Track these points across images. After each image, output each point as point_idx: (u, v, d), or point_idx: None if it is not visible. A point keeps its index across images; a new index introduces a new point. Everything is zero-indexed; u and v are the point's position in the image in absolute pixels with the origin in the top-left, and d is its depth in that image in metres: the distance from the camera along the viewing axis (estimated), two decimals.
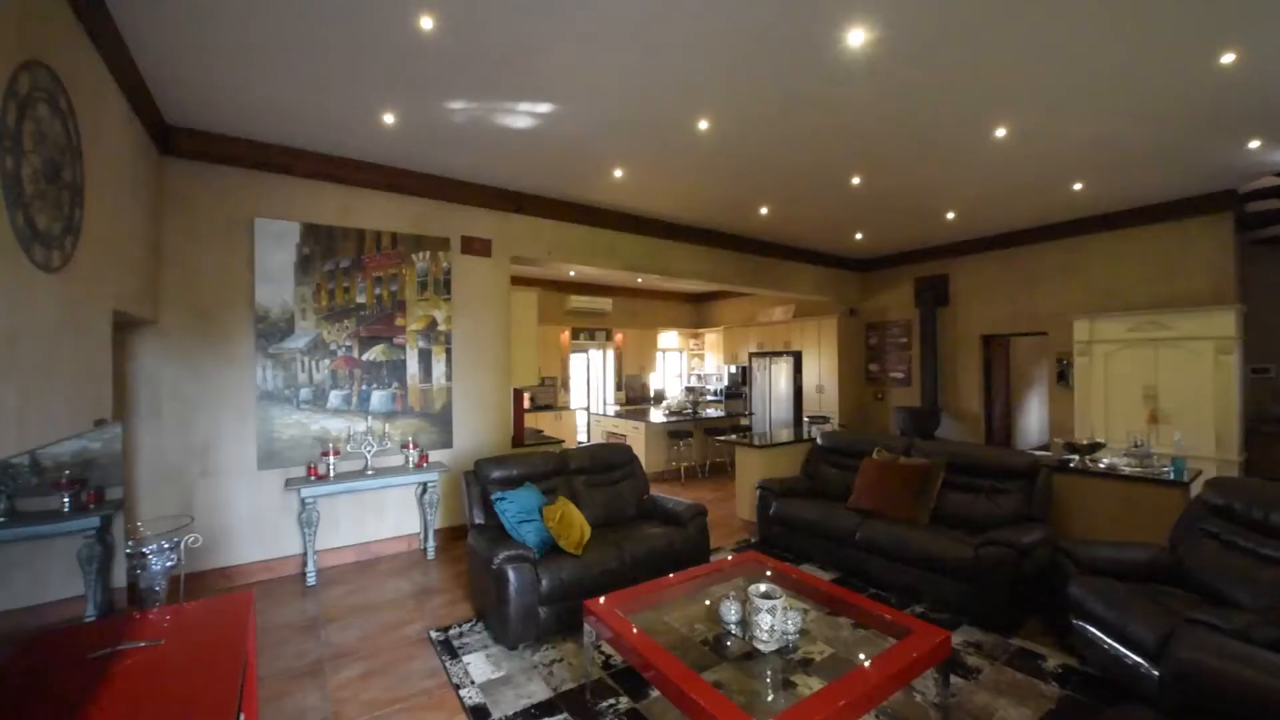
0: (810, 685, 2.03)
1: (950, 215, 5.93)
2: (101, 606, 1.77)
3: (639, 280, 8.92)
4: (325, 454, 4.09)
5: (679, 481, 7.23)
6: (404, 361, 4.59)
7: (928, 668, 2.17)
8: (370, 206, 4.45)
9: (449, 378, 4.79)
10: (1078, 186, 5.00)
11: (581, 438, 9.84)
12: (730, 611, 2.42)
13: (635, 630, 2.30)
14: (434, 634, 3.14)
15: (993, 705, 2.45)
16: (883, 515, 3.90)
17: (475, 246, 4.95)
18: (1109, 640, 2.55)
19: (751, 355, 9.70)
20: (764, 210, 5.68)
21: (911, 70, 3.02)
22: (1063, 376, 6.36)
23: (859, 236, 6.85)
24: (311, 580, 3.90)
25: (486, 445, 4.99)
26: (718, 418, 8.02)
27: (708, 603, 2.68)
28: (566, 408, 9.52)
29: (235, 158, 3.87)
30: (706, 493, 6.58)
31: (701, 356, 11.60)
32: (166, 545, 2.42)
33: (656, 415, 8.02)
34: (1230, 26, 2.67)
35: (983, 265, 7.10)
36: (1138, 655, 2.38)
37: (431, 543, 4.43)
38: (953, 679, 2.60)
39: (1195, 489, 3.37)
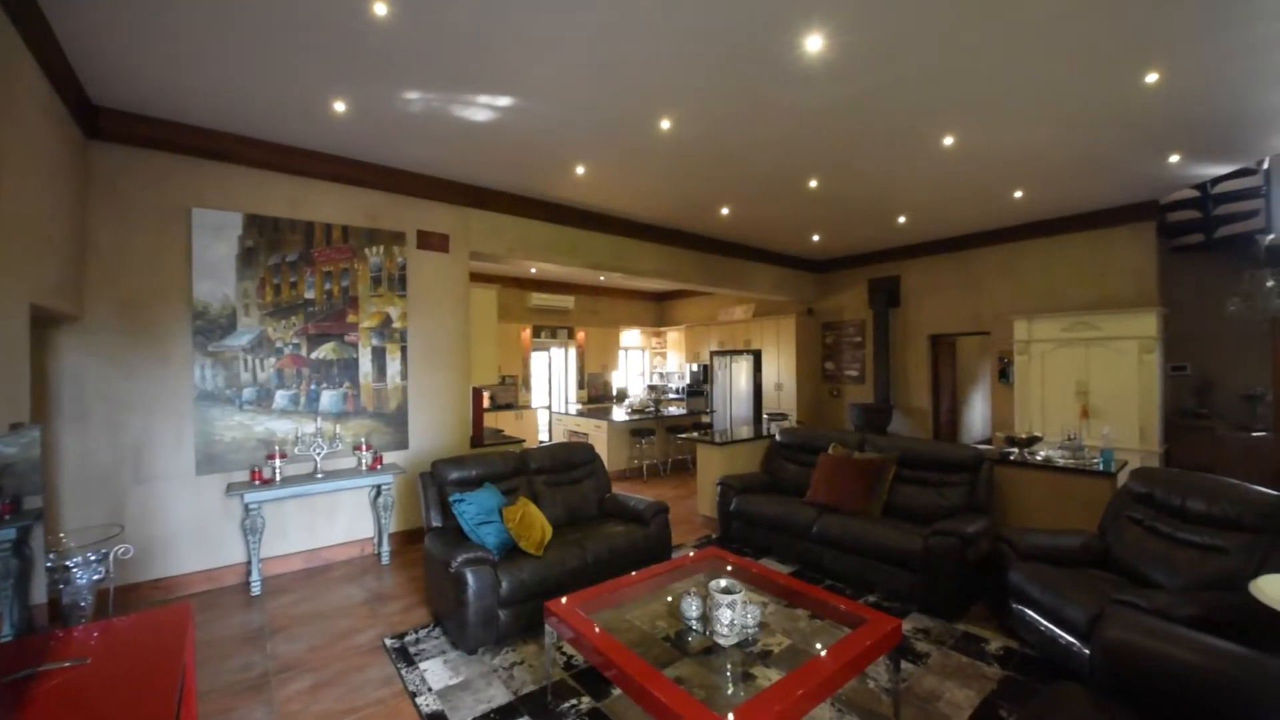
0: (769, 677, 2.07)
1: (902, 219, 6.16)
2: (19, 625, 1.64)
3: (601, 278, 8.89)
4: (271, 457, 3.90)
5: (641, 479, 7.25)
6: (356, 360, 4.42)
7: (880, 655, 2.25)
8: (320, 198, 4.27)
9: (404, 376, 4.65)
10: (1018, 194, 5.27)
11: (543, 437, 9.75)
12: (691, 607, 2.44)
13: (597, 629, 2.29)
14: (389, 641, 3.04)
15: (940, 689, 2.56)
16: (838, 509, 4.02)
17: (432, 242, 4.82)
18: (1045, 622, 2.70)
19: (713, 354, 9.81)
20: (725, 211, 5.76)
21: (866, 78, 3.12)
22: (1004, 374, 6.71)
23: (816, 238, 7.02)
24: (256, 589, 3.72)
25: (444, 446, 4.87)
26: (680, 415, 8.09)
27: (670, 599, 2.69)
28: (528, 407, 9.40)
29: (170, 143, 3.64)
30: (668, 490, 6.62)
31: (664, 355, 11.67)
32: (93, 557, 2.26)
33: (619, 413, 8.02)
34: (1154, 49, 2.86)
35: (932, 268, 7.41)
36: (1071, 635, 2.54)
37: (386, 547, 4.29)
38: (903, 664, 2.71)
39: (1122, 479, 3.62)
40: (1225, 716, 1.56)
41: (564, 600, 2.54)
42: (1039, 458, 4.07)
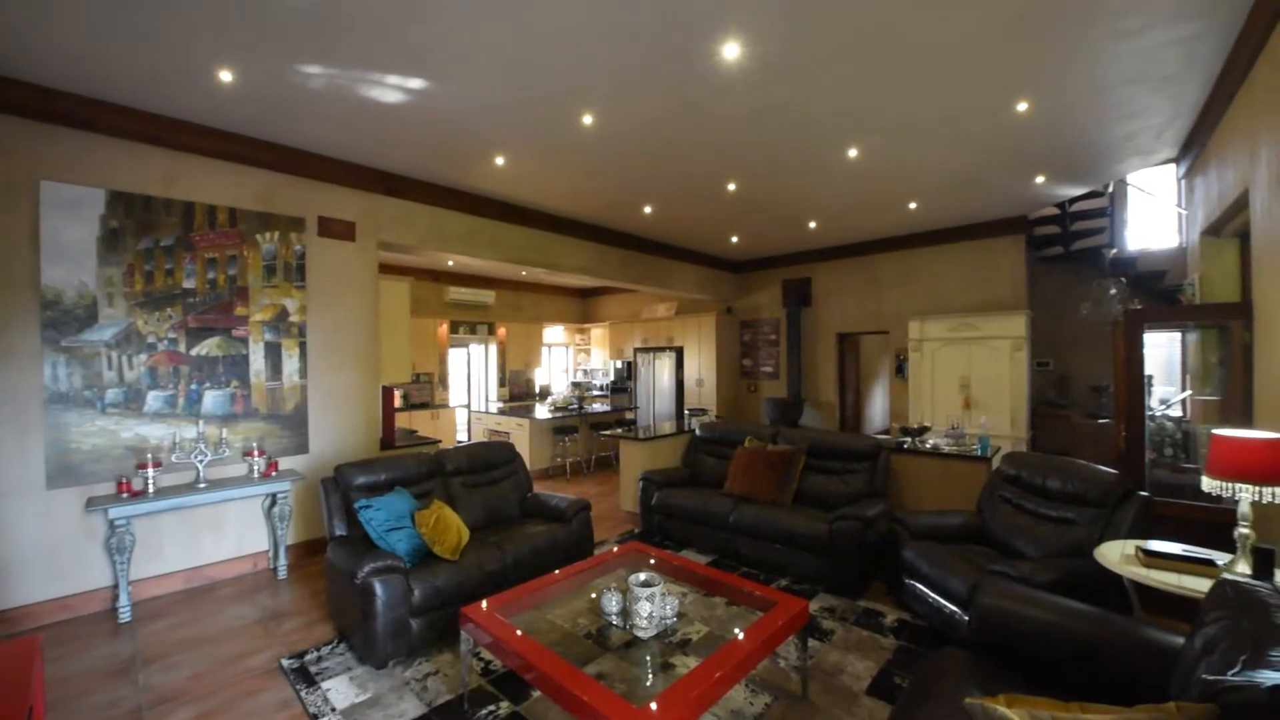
0: (688, 664, 2.12)
1: (813, 224, 6.51)
2: None
3: (523, 273, 8.69)
4: (143, 466, 3.46)
5: (564, 478, 7.18)
6: (246, 356, 4.03)
7: (789, 635, 2.37)
8: (202, 176, 3.83)
9: (303, 375, 4.30)
10: (913, 205, 5.74)
11: (462, 437, 9.39)
12: (611, 603, 2.45)
13: (516, 632, 2.25)
14: (286, 662, 2.81)
15: (843, 662, 2.75)
16: (753, 499, 4.20)
17: (336, 229, 4.48)
18: (933, 594, 2.98)
19: (636, 350, 9.90)
20: (648, 209, 5.81)
21: (779, 89, 3.26)
22: (900, 370, 7.29)
23: (735, 239, 7.27)
24: (126, 616, 3.30)
25: (350, 449, 4.56)
26: (603, 412, 8.09)
27: (593, 595, 2.69)
28: (445, 405, 9.01)
29: (13, 105, 3.12)
30: (591, 487, 6.61)
31: (588, 352, 11.61)
32: None
33: (541, 411, 7.89)
34: (1023, 81, 3.22)
35: (839, 271, 7.90)
36: (954, 605, 2.81)
37: (283, 560, 3.96)
38: (810, 642, 2.88)
39: (996, 463, 4.05)
40: (1079, 665, 1.79)
41: (483, 605, 2.46)
42: (928, 445, 4.47)
